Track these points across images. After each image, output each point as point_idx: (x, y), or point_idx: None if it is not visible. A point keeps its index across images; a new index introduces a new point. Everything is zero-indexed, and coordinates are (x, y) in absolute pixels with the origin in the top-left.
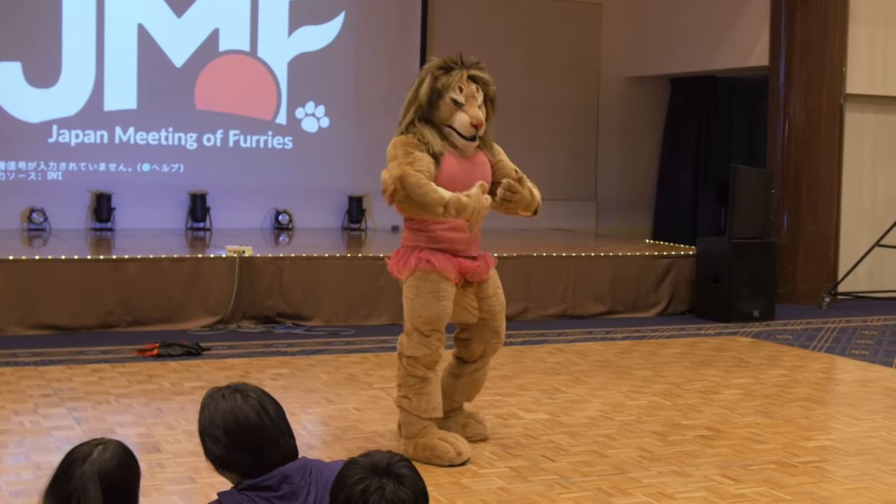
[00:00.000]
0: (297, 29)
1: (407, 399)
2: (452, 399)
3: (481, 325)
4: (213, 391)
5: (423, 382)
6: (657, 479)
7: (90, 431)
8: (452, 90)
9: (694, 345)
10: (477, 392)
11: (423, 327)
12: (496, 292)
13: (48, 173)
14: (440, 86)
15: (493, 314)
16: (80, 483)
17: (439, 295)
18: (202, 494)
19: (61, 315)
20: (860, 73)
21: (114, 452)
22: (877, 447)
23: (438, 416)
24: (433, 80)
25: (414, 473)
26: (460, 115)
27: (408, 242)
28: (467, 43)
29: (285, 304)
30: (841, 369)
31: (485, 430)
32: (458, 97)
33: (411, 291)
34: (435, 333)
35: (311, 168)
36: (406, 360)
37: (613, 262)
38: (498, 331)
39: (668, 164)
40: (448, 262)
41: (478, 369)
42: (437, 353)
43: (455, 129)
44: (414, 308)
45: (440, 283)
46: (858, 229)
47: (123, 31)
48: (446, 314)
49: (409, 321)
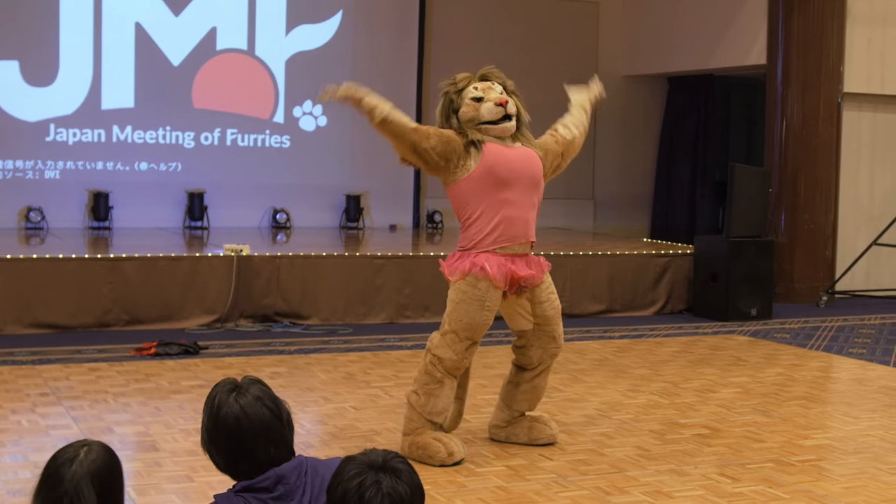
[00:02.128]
0: (294, 28)
1: (416, 395)
2: (513, 408)
3: (537, 331)
4: (218, 385)
5: (437, 384)
6: (655, 477)
7: (88, 430)
8: (468, 92)
9: (691, 343)
10: (538, 400)
11: (461, 332)
12: (549, 297)
13: (46, 172)
14: (455, 97)
15: (547, 319)
16: (72, 485)
17: (484, 304)
18: (200, 493)
19: (59, 314)
20: (858, 72)
21: (99, 453)
22: (874, 445)
23: (440, 421)
24: (445, 96)
25: (410, 469)
26: (484, 105)
27: (464, 245)
28: (465, 41)
29: (283, 303)
30: (838, 368)
31: (551, 431)
32: (475, 94)
33: (457, 295)
34: (468, 342)
35: (309, 167)
36: (430, 356)
37: (611, 261)
38: (555, 335)
39: (665, 162)
40: (500, 270)
41: (537, 375)
42: (463, 362)
43: (485, 119)
44: (457, 311)
45: (488, 291)
46: (856, 228)
47: (121, 30)
48: (486, 324)
49: (449, 323)
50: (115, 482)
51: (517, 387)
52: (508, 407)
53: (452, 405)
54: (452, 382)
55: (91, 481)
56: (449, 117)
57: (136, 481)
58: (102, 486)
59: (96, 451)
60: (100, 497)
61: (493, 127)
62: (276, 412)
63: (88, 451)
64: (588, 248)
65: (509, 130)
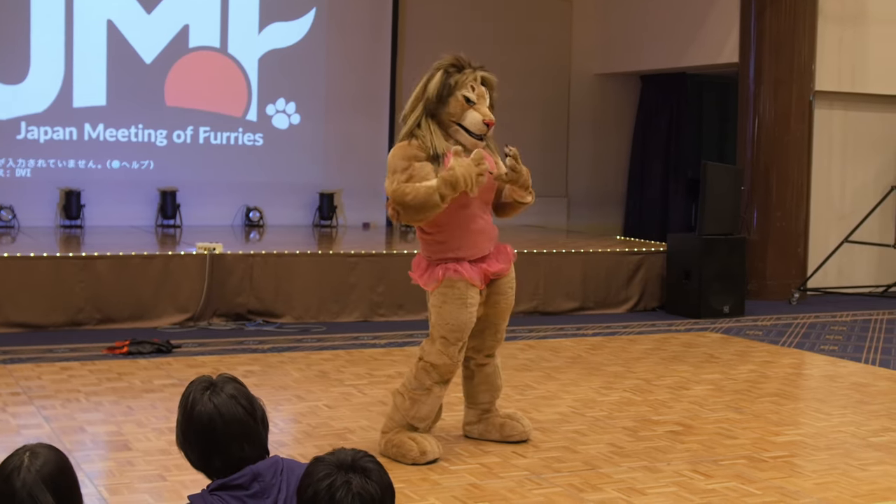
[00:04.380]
0: (267, 25)
1: (401, 396)
2: (478, 402)
3: (482, 321)
4: (193, 383)
5: (425, 392)
6: (628, 474)
7: (60, 430)
8: (465, 88)
9: (664, 341)
10: (498, 389)
11: (450, 335)
12: (507, 291)
13: (17, 170)
14: (452, 82)
15: (498, 311)
16: (25, 492)
17: (466, 302)
18: (173, 492)
19: (30, 313)
20: (829, 71)
21: (48, 457)
22: (845, 442)
23: (420, 427)
24: (445, 75)
25: (379, 468)
26: (472, 114)
27: (431, 255)
28: (438, 39)
29: (256, 301)
30: (810, 364)
31: (523, 428)
32: (470, 95)
33: (438, 300)
34: (459, 343)
35: (282, 165)
36: (423, 363)
37: (584, 259)
38: (497, 329)
39: (638, 160)
40: (473, 270)
41: (484, 365)
42: (456, 364)
43: (465, 126)
44: (441, 316)
45: (467, 289)
46: (827, 226)
47: (92, 28)
48: (472, 322)
49: (436, 329)
50: (68, 481)
51: (471, 381)
52: (473, 402)
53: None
54: (441, 390)
55: (44, 485)
56: (442, 97)
57: (109, 480)
58: (56, 487)
59: (43, 454)
60: (56, 498)
61: (467, 136)
62: (250, 411)
63: (33, 456)
64: (561, 246)
65: (477, 147)
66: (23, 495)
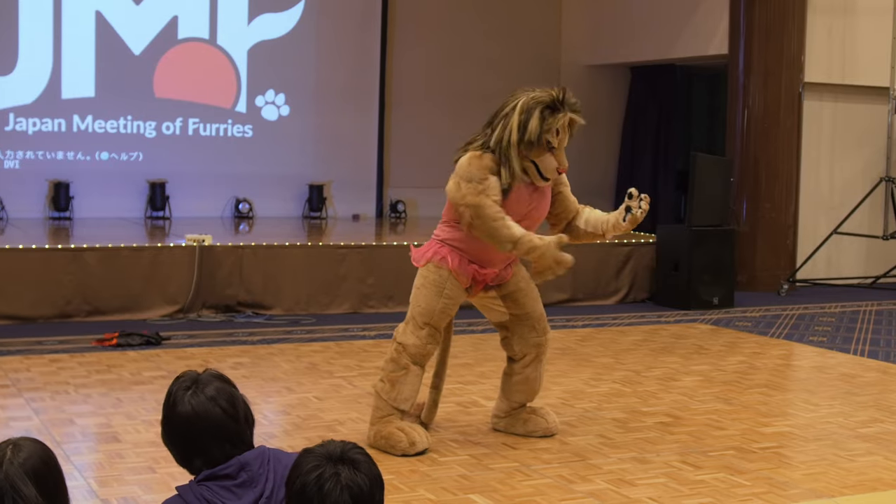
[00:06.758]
0: (256, 16)
1: (382, 383)
2: (511, 399)
3: (514, 321)
4: (177, 380)
5: (402, 371)
6: (617, 465)
7: (49, 422)
8: (551, 133)
9: (654, 332)
10: (534, 391)
11: (419, 318)
12: (518, 287)
13: (5, 162)
14: (547, 120)
15: (521, 309)
16: (7, 485)
17: (443, 291)
18: (162, 484)
19: (19, 305)
20: (818, 62)
21: (32, 450)
22: (834, 433)
23: (405, 408)
24: (542, 119)
25: (368, 459)
26: (549, 159)
27: (439, 235)
28: (428, 30)
29: (245, 293)
30: (799, 356)
31: (547, 424)
32: (553, 140)
33: (419, 280)
34: (428, 328)
35: (272, 156)
36: (396, 345)
37: (574, 250)
38: (533, 325)
39: (628, 152)
40: (463, 266)
41: (526, 367)
42: (427, 349)
43: (539, 168)
44: (416, 297)
45: (448, 279)
46: (816, 217)
47: (81, 19)
48: (445, 312)
49: (410, 309)
50: (52, 474)
51: (510, 378)
52: (507, 398)
53: (429, 394)
54: (418, 370)
55: (28, 477)
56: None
57: (98, 473)
58: (40, 480)
59: (26, 447)
60: (41, 491)
61: (538, 176)
62: (230, 411)
63: (16, 450)
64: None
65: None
66: (5, 488)
